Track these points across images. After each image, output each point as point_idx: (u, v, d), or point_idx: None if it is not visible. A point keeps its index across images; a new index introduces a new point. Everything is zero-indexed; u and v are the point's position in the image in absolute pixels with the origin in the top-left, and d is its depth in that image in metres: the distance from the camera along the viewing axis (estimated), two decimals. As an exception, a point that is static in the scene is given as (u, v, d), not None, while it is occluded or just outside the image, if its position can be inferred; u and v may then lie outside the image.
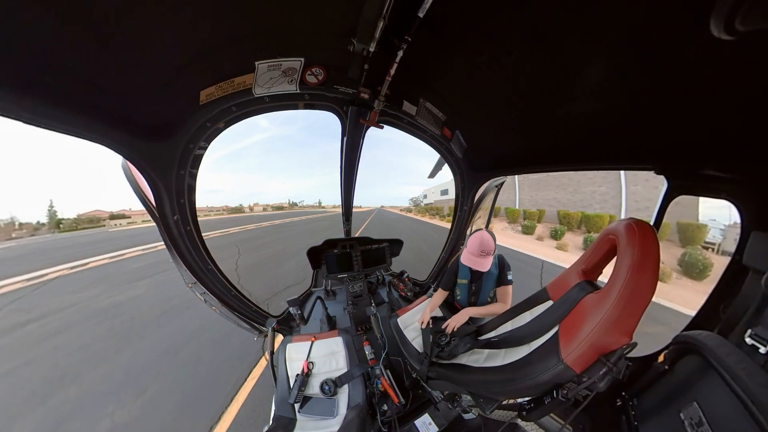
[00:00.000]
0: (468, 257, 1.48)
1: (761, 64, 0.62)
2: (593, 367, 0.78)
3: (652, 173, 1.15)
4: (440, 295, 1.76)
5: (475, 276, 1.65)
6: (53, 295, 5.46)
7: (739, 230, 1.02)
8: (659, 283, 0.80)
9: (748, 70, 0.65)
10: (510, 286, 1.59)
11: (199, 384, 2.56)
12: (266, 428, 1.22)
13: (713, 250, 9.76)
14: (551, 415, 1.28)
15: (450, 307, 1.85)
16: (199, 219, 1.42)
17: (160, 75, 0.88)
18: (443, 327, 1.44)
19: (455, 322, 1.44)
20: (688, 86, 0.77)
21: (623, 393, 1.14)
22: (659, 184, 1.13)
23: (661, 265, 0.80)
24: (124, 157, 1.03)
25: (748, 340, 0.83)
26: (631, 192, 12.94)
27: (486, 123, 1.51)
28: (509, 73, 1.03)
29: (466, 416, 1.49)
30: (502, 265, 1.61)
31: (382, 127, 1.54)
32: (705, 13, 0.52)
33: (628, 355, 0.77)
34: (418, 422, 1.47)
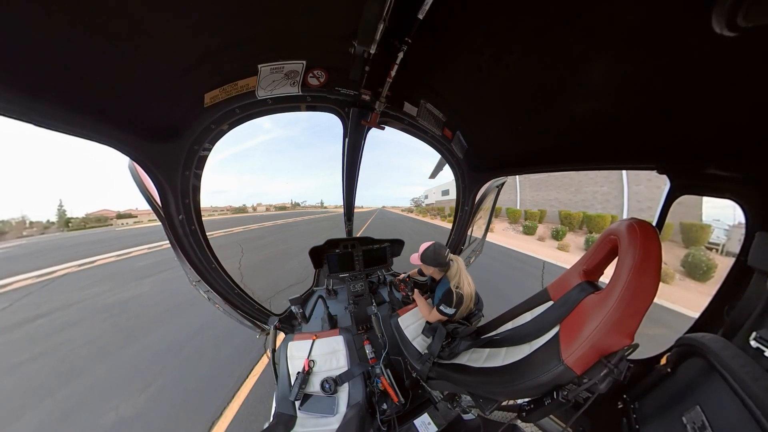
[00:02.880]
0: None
1: (765, 61, 0.61)
2: (594, 369, 0.78)
3: (654, 173, 1.14)
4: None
5: (434, 283, 1.69)
6: (62, 292, 5.58)
7: (743, 230, 1.00)
8: (661, 284, 0.79)
9: (752, 67, 0.64)
10: (426, 309, 1.60)
11: (202, 380, 2.60)
12: (267, 424, 1.24)
13: (717, 250, 9.52)
14: (551, 417, 1.27)
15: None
16: (203, 219, 1.43)
17: (166, 78, 0.89)
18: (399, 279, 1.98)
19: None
20: (690, 84, 0.76)
21: (624, 396, 1.13)
22: (662, 183, 1.11)
23: (663, 266, 0.79)
24: (131, 158, 1.05)
25: (752, 343, 0.82)
26: (633, 192, 12.72)
27: (487, 123, 1.51)
28: (510, 73, 1.02)
29: (466, 417, 1.49)
30: (443, 296, 1.44)
31: (383, 128, 1.55)
32: (706, 9, 0.51)
33: (629, 357, 0.77)
34: (417, 422, 1.47)
